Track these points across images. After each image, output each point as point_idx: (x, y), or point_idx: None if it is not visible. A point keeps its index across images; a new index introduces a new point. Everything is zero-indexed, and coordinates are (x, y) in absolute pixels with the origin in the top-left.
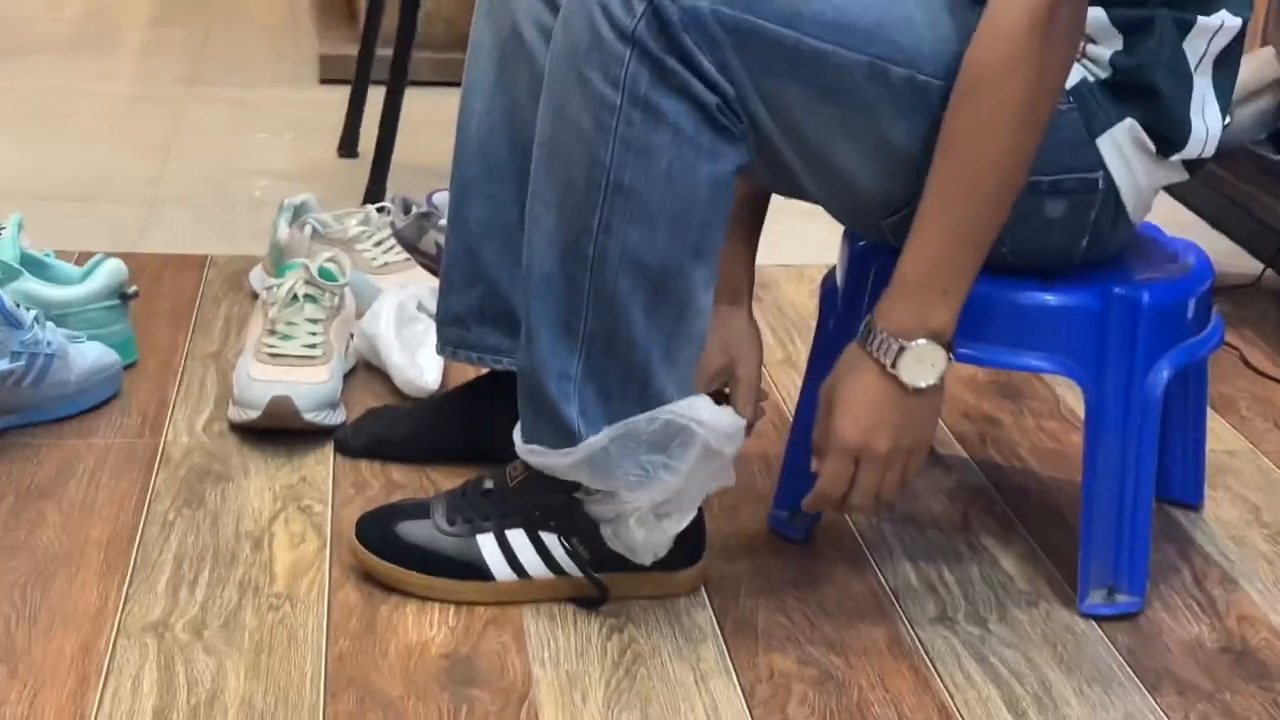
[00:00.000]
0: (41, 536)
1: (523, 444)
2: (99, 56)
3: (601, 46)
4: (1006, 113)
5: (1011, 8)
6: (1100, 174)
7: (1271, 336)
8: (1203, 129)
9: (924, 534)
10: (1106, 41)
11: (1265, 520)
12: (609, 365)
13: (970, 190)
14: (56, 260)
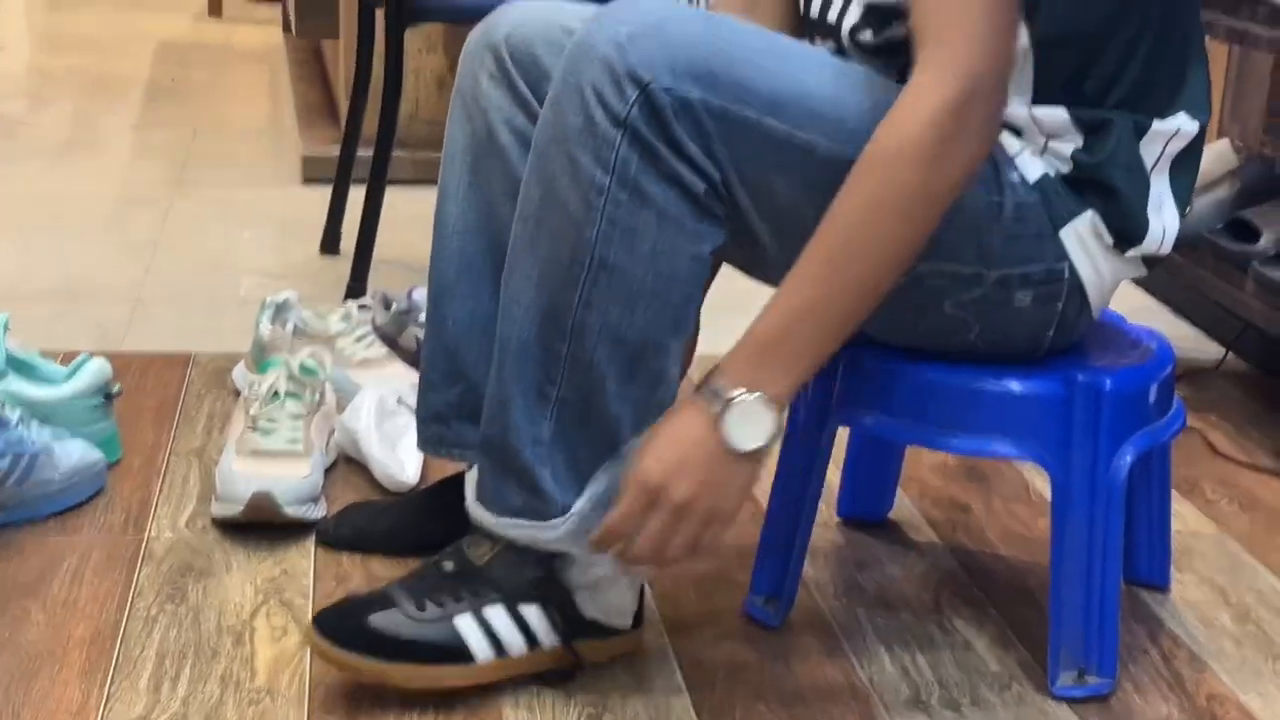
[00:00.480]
0: (25, 634)
1: (497, 518)
2: (86, 160)
3: (594, 130)
4: (893, 200)
5: (920, 99)
6: (1065, 265)
7: (1234, 419)
8: (1159, 228)
9: (897, 617)
10: (1068, 138)
11: (1232, 601)
12: (580, 432)
13: (839, 268)
14: (41, 360)
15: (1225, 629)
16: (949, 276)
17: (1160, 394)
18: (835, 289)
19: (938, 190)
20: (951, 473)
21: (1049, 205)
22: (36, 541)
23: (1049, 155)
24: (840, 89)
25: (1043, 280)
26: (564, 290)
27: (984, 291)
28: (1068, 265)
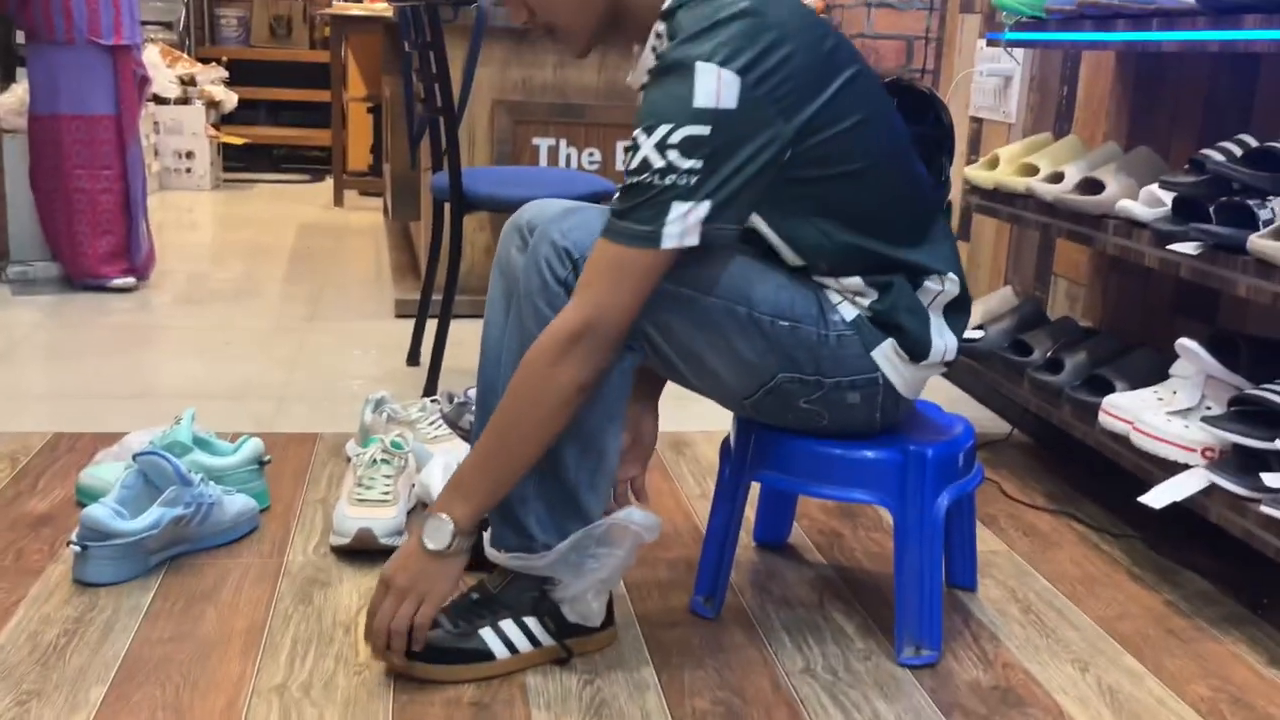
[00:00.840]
0: (202, 627)
1: (500, 553)
2: (249, 302)
3: (546, 287)
4: (527, 392)
5: (555, 323)
6: (879, 374)
7: (1018, 474)
8: (941, 346)
9: (794, 612)
10: (867, 294)
11: (1019, 598)
12: (551, 492)
13: (499, 437)
14: (216, 439)
15: (1014, 617)
16: (798, 383)
17: (966, 458)
18: (496, 451)
19: (555, 389)
20: (830, 511)
21: (861, 336)
22: (211, 563)
23: (857, 304)
24: (720, 259)
25: (864, 385)
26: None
27: (824, 393)
28: (880, 375)
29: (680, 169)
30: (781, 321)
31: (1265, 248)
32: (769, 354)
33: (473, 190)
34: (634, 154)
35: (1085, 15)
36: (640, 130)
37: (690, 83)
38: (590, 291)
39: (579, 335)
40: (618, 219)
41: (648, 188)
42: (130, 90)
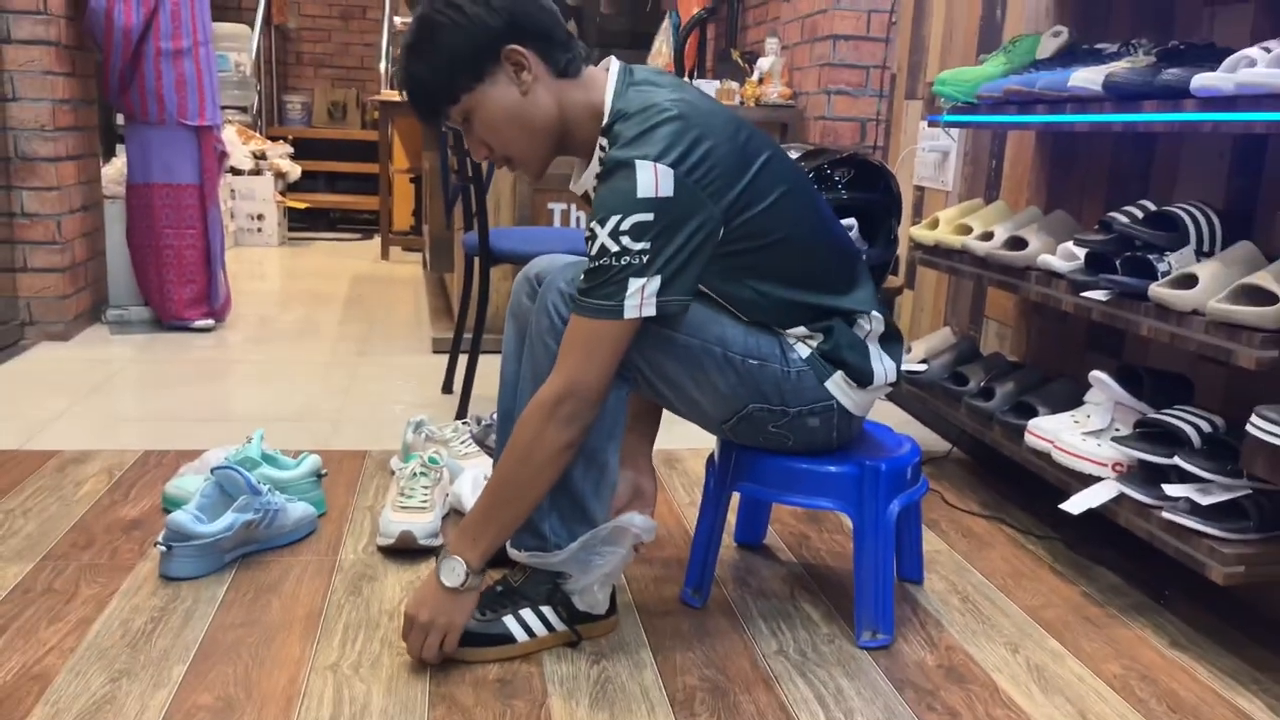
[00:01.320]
0: (267, 615)
1: (520, 553)
2: (308, 340)
3: (553, 327)
4: (521, 452)
5: (536, 399)
6: (833, 401)
7: (957, 485)
8: (883, 370)
9: (768, 602)
10: (813, 338)
11: (959, 590)
12: (561, 500)
13: (501, 486)
14: (281, 455)
15: (955, 606)
16: (767, 411)
17: (913, 471)
18: (499, 502)
19: (545, 449)
20: (798, 516)
21: (815, 370)
22: (276, 560)
23: (808, 344)
24: (698, 308)
25: (821, 411)
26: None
27: (789, 420)
28: (835, 401)
29: (632, 250)
30: (751, 360)
31: (1163, 295)
32: (741, 387)
33: (497, 246)
34: (592, 243)
35: (1010, 101)
36: (595, 223)
37: (633, 178)
38: (568, 361)
39: (562, 399)
40: (585, 297)
41: (607, 269)
42: (211, 163)
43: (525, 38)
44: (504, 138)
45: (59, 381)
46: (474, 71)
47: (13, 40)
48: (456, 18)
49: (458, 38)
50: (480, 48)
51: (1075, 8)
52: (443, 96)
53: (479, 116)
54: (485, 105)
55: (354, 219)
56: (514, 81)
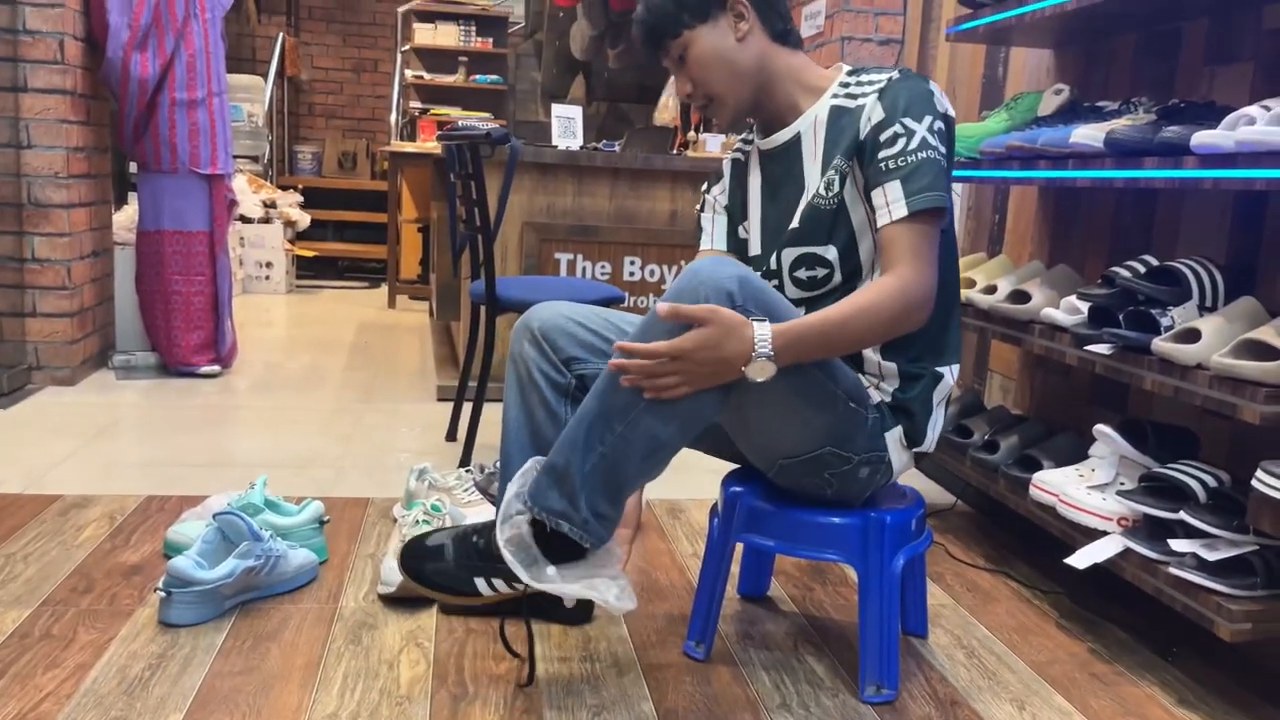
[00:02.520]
0: (266, 663)
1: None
2: (314, 387)
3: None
4: (871, 324)
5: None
6: (885, 454)
7: (962, 538)
8: (932, 438)
9: (772, 655)
10: (891, 382)
11: (964, 644)
12: (607, 477)
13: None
14: (284, 501)
15: (960, 661)
16: (835, 455)
17: (918, 524)
18: (836, 338)
19: (896, 326)
20: (803, 568)
21: (881, 420)
22: (276, 608)
23: (878, 392)
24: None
25: (874, 462)
26: (635, 395)
27: (850, 467)
28: (886, 454)
29: (941, 150)
30: (851, 403)
31: (1167, 349)
32: (832, 428)
33: (504, 295)
34: (908, 138)
35: (1013, 156)
36: (908, 118)
37: (929, 88)
38: (918, 265)
39: (915, 298)
40: (922, 193)
41: (932, 164)
42: (222, 211)
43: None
44: (711, 76)
45: (64, 426)
46: (701, 11)
47: (29, 89)
48: None
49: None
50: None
51: (1076, 66)
52: (670, 29)
53: (693, 53)
54: (701, 43)
55: (362, 267)
56: (732, 29)
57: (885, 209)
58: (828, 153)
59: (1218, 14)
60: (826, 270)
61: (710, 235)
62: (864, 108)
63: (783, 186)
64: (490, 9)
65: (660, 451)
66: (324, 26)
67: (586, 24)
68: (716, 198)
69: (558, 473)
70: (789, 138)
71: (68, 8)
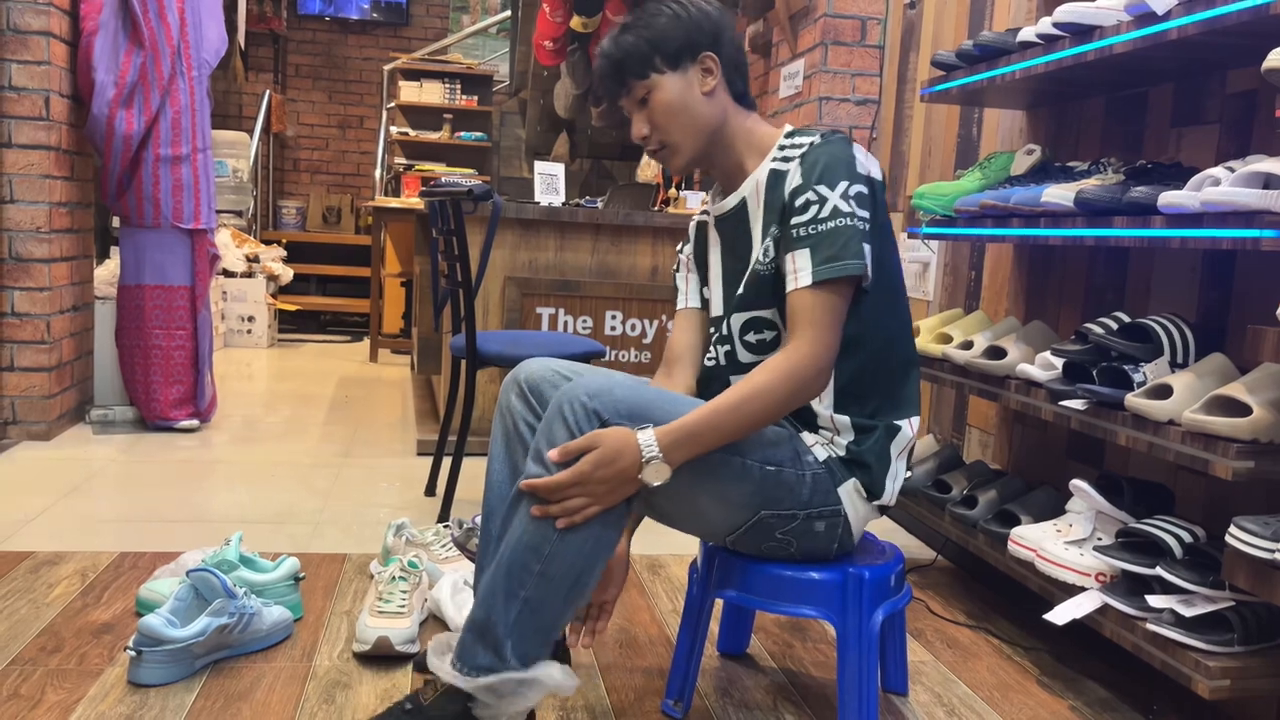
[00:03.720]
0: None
1: (467, 675)
2: (293, 441)
3: (566, 429)
4: (765, 402)
5: (791, 359)
6: (841, 508)
7: (942, 594)
8: (892, 490)
9: (751, 714)
10: (845, 435)
11: (944, 702)
12: (532, 621)
13: (730, 419)
14: (259, 558)
15: (940, 719)
16: (776, 517)
17: (897, 580)
18: (724, 428)
19: (789, 404)
20: (783, 624)
21: (831, 474)
22: (249, 666)
23: (831, 446)
24: None
25: (829, 515)
26: (548, 529)
27: (797, 524)
28: (843, 508)
29: (859, 216)
30: (769, 467)
31: (1139, 405)
32: (756, 495)
33: (485, 349)
34: (820, 206)
35: (987, 215)
36: (821, 185)
37: (850, 152)
38: (816, 334)
39: (808, 371)
40: (831, 261)
41: (847, 230)
42: (204, 266)
43: (722, 54)
44: (672, 124)
45: (38, 481)
46: (673, 59)
47: (13, 144)
48: (679, 11)
49: (673, 26)
50: (687, 42)
51: (1048, 127)
52: (639, 70)
53: (658, 97)
54: (667, 90)
55: (344, 321)
56: (699, 82)
57: (793, 275)
58: (766, 219)
59: (1183, 78)
60: (774, 332)
61: (685, 295)
62: (788, 173)
63: (737, 248)
64: (475, 68)
65: (583, 578)
66: (310, 83)
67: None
68: (689, 257)
69: (480, 628)
70: (736, 204)
71: (54, 65)
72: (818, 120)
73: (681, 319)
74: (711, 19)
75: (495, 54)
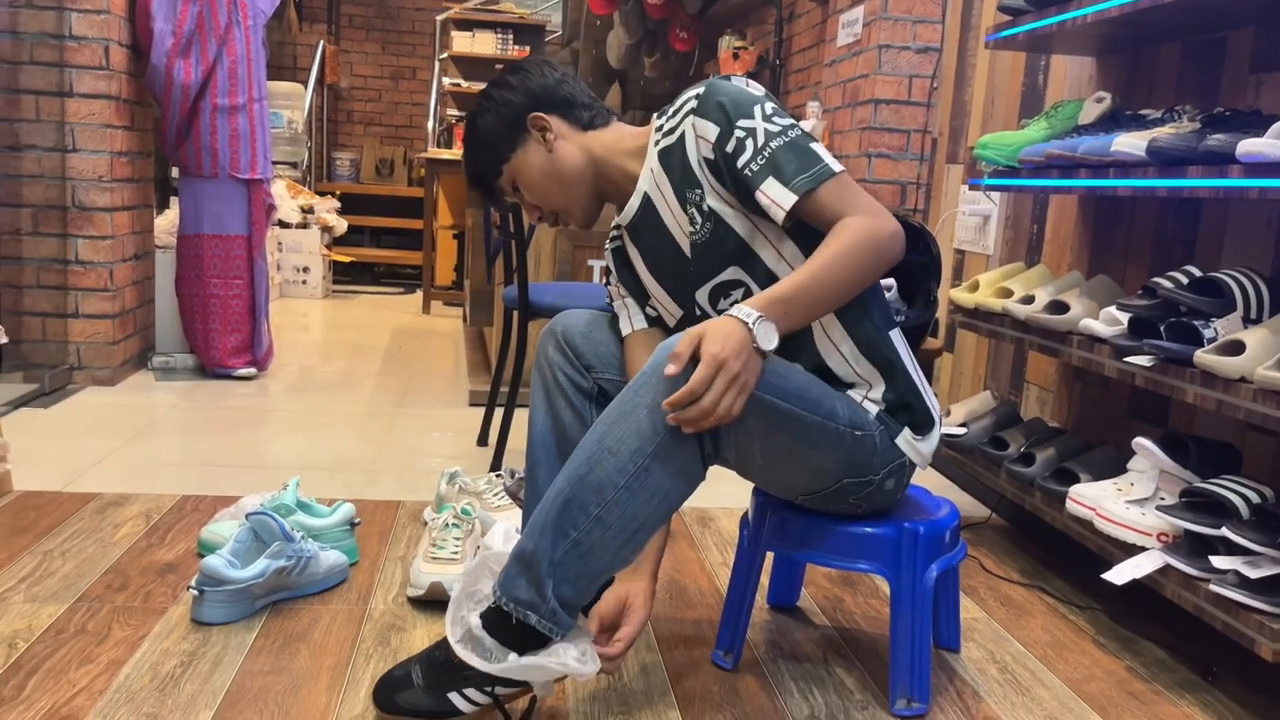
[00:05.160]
0: (295, 663)
1: (503, 597)
2: (347, 391)
3: (658, 402)
4: (858, 260)
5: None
6: (904, 459)
7: (996, 552)
8: (935, 408)
9: (801, 666)
10: (878, 386)
11: (997, 659)
12: (580, 565)
13: (825, 280)
14: (316, 503)
15: (993, 676)
16: (858, 483)
17: (951, 536)
18: (820, 289)
19: (879, 258)
20: (833, 578)
21: (886, 430)
22: (306, 608)
23: (871, 401)
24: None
25: (896, 471)
26: (616, 475)
27: (871, 488)
28: (904, 458)
29: (788, 124)
30: (857, 431)
31: (1209, 361)
32: (844, 461)
33: (537, 301)
34: (750, 138)
35: (1052, 165)
36: (740, 120)
37: (730, 86)
38: (853, 208)
39: (885, 228)
40: (797, 176)
41: (792, 145)
42: (260, 216)
43: (546, 106)
44: (543, 192)
45: (103, 426)
46: (509, 143)
47: (75, 94)
48: (488, 105)
49: (491, 120)
50: (510, 121)
51: (1119, 74)
52: (491, 171)
53: (521, 179)
54: (523, 169)
55: (397, 273)
56: (541, 143)
57: (775, 207)
58: (677, 192)
59: (1263, 22)
60: (742, 288)
61: (629, 319)
62: (684, 134)
63: (658, 247)
64: (527, 17)
65: (640, 533)
66: (364, 35)
67: (623, 32)
68: (617, 286)
69: (525, 559)
70: (639, 202)
71: (113, 14)
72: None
73: (632, 343)
74: (518, 89)
75: (547, 3)
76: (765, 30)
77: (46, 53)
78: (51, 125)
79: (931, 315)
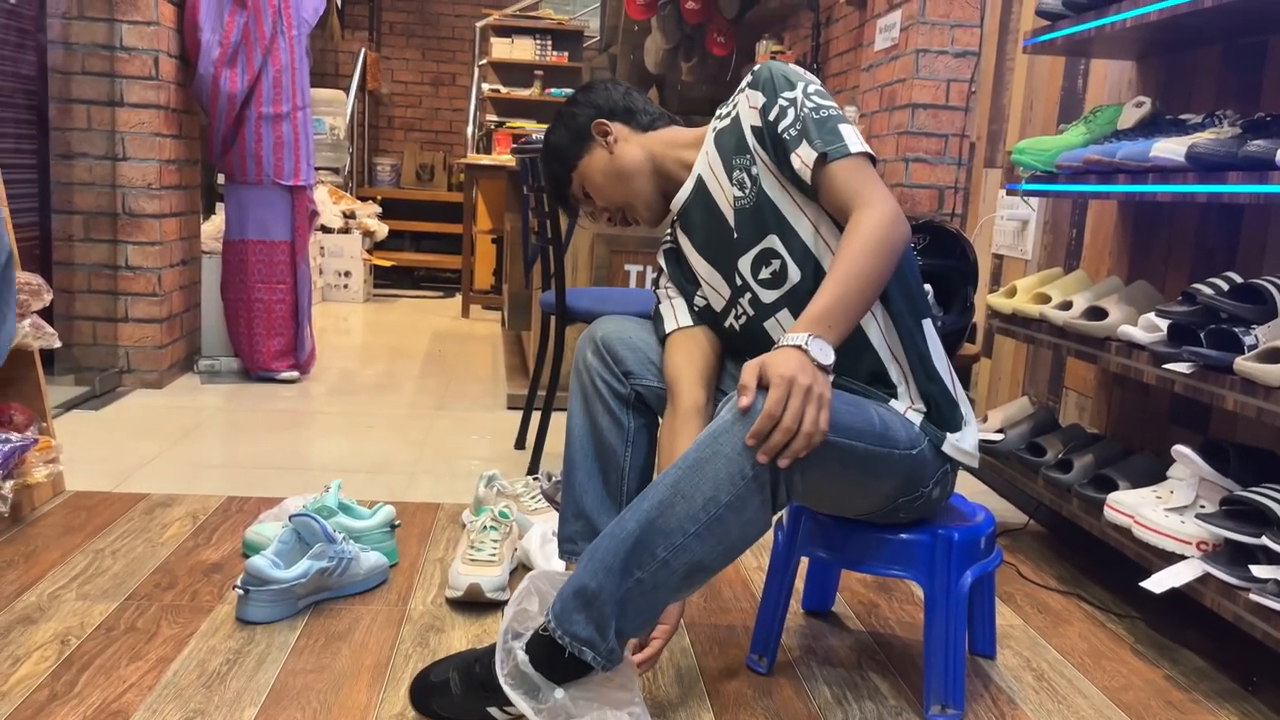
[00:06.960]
0: (336, 662)
1: (561, 634)
2: (388, 394)
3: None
4: (877, 253)
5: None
6: (947, 466)
7: (1033, 559)
8: (965, 401)
9: (835, 671)
10: (910, 383)
11: (1032, 667)
12: (641, 604)
13: (853, 284)
14: (357, 505)
15: (1029, 684)
16: (910, 499)
17: (987, 542)
18: (852, 294)
19: (894, 247)
20: (868, 584)
21: (931, 437)
22: (347, 608)
23: (915, 411)
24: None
25: (942, 479)
26: (687, 521)
27: (922, 500)
28: (950, 464)
29: (827, 105)
30: (912, 451)
31: (1250, 369)
32: (902, 482)
33: (574, 306)
34: (792, 107)
35: (1091, 170)
36: (783, 94)
37: (787, 66)
38: (865, 193)
39: (896, 215)
40: (830, 143)
41: (825, 120)
42: (303, 221)
43: (609, 115)
44: (608, 192)
45: (151, 427)
46: (576, 151)
47: (125, 103)
48: (558, 121)
49: (560, 133)
50: (575, 131)
51: (1158, 79)
52: (563, 180)
53: (589, 183)
54: (589, 173)
55: (437, 277)
56: (604, 147)
57: (805, 169)
58: (725, 164)
59: None
60: (779, 260)
61: (674, 317)
62: (738, 107)
63: (709, 223)
64: (566, 23)
65: (700, 575)
66: (404, 41)
67: (661, 37)
68: (666, 287)
69: (587, 596)
70: (693, 184)
71: (162, 25)
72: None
73: (673, 343)
74: (584, 103)
75: (586, 8)
76: (802, 34)
77: (98, 63)
78: (102, 134)
79: (968, 320)
